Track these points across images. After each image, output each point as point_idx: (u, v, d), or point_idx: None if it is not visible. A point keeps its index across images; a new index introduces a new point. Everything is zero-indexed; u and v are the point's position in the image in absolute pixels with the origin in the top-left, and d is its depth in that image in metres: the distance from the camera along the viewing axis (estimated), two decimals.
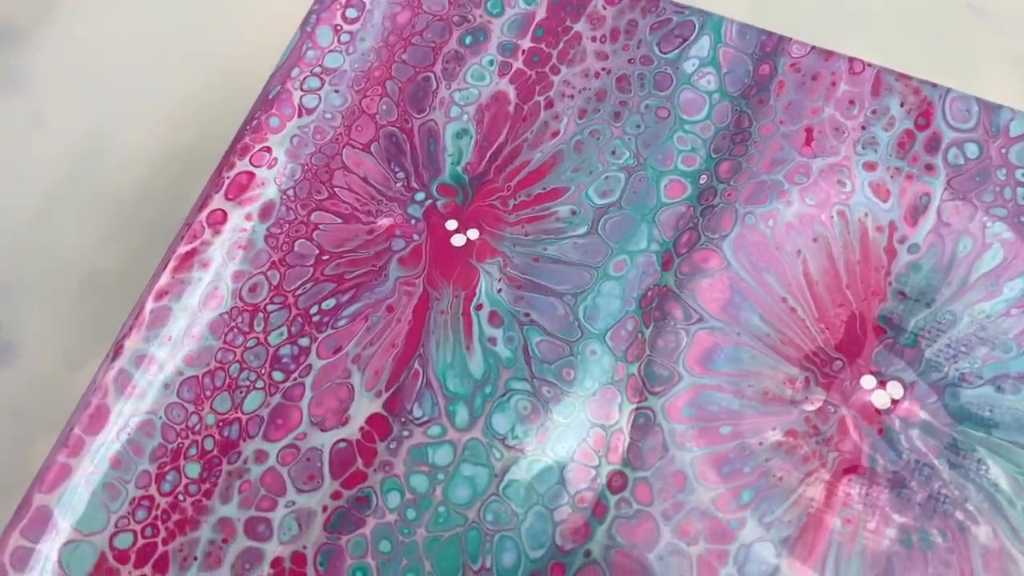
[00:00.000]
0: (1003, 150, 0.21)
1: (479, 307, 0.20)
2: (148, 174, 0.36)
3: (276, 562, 0.19)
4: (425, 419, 0.20)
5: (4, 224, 0.34)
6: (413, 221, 0.21)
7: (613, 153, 0.21)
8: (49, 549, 0.19)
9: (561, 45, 0.22)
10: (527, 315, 0.20)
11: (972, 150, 0.21)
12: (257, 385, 0.20)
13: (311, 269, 0.21)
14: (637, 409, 0.20)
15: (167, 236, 0.35)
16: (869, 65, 0.21)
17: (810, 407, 0.19)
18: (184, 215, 0.35)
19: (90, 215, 0.34)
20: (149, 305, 0.21)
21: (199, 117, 0.36)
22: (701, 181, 0.21)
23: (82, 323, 0.33)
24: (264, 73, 0.31)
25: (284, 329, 0.20)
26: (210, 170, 0.35)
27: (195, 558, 0.19)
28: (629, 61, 0.21)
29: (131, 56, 0.34)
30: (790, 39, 0.21)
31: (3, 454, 0.31)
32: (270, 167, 0.21)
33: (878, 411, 0.19)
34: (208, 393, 0.20)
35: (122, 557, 0.19)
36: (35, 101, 0.35)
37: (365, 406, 0.20)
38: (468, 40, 0.22)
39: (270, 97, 0.21)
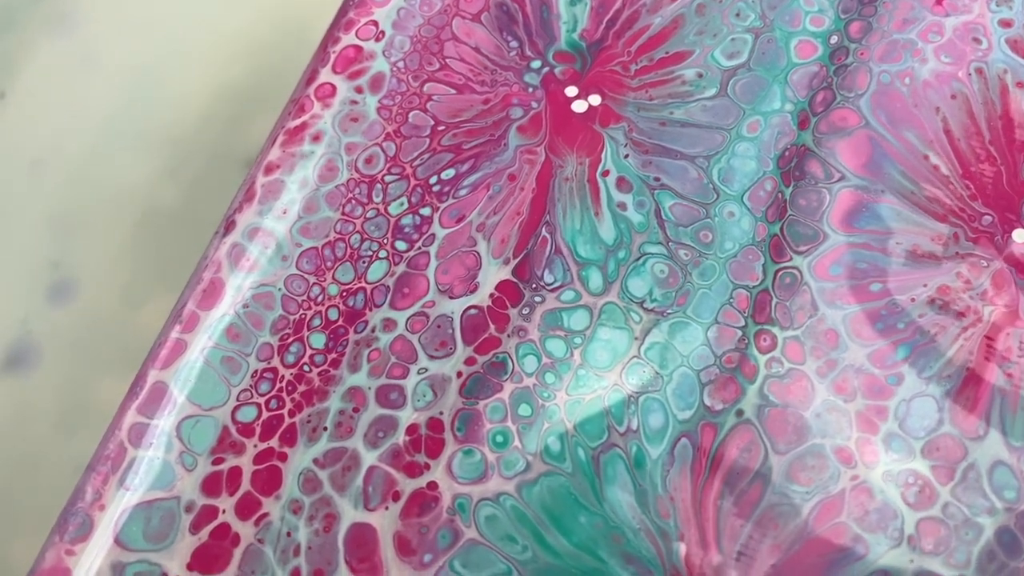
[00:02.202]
0: None
1: (606, 173, 0.20)
2: (202, 111, 0.36)
3: (411, 429, 0.19)
4: (557, 284, 0.20)
5: (59, 165, 0.34)
6: (531, 89, 0.21)
7: (738, 15, 0.21)
8: (168, 424, 0.19)
9: None
10: (657, 179, 0.20)
11: None
12: (380, 255, 0.20)
13: (427, 140, 0.21)
14: (782, 269, 0.19)
15: (223, 172, 0.35)
16: None
17: (961, 262, 0.19)
18: (240, 150, 0.35)
19: (145, 154, 0.34)
20: (260, 180, 0.21)
21: (251, 52, 0.36)
22: (832, 41, 0.21)
23: (140, 261, 0.33)
24: (317, 7, 0.31)
25: (404, 199, 0.20)
26: (265, 105, 0.35)
27: (325, 428, 0.19)
28: None
29: None
30: None
31: (67, 393, 0.31)
32: (377, 40, 0.21)
33: None
34: (329, 264, 0.20)
35: (246, 431, 0.19)
36: (86, 43, 0.35)
37: (493, 273, 0.20)
38: None
39: None
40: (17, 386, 0.32)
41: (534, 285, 0.19)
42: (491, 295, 0.19)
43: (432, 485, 0.18)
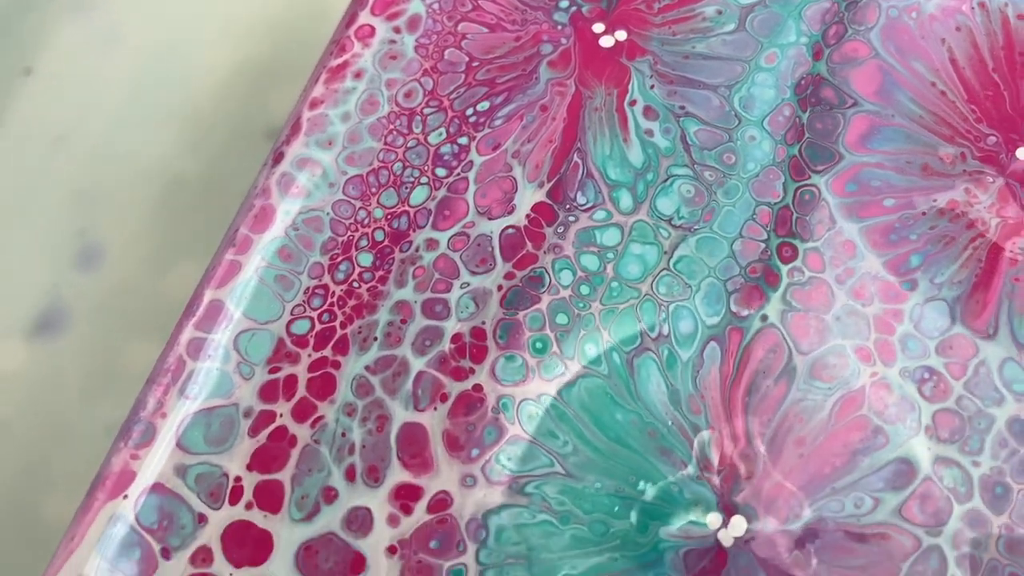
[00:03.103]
0: None
1: (633, 103, 0.22)
2: (225, 85, 0.37)
3: (456, 337, 0.20)
4: (589, 205, 0.21)
5: (84, 139, 0.35)
6: (559, 27, 0.23)
7: None
8: (225, 338, 0.20)
9: None
10: (682, 108, 0.22)
11: None
12: (421, 181, 0.22)
13: (463, 75, 0.22)
14: (801, 187, 0.21)
15: (243, 145, 0.36)
16: None
17: (968, 179, 0.21)
18: (260, 124, 0.36)
19: (169, 126, 0.35)
20: (305, 114, 0.22)
21: (271, 27, 0.38)
22: None
23: (165, 229, 0.35)
24: None
25: (442, 130, 0.22)
26: (284, 79, 0.37)
27: (375, 338, 0.20)
28: None
29: None
30: None
31: (95, 356, 0.33)
32: None
33: None
34: (374, 190, 0.21)
35: (301, 342, 0.20)
36: (109, 21, 0.36)
37: (529, 196, 0.21)
38: None
39: None
40: (47, 350, 0.33)
41: (568, 206, 0.21)
42: (527, 216, 0.21)
43: (477, 387, 0.20)
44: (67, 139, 0.35)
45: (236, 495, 0.19)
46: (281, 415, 0.20)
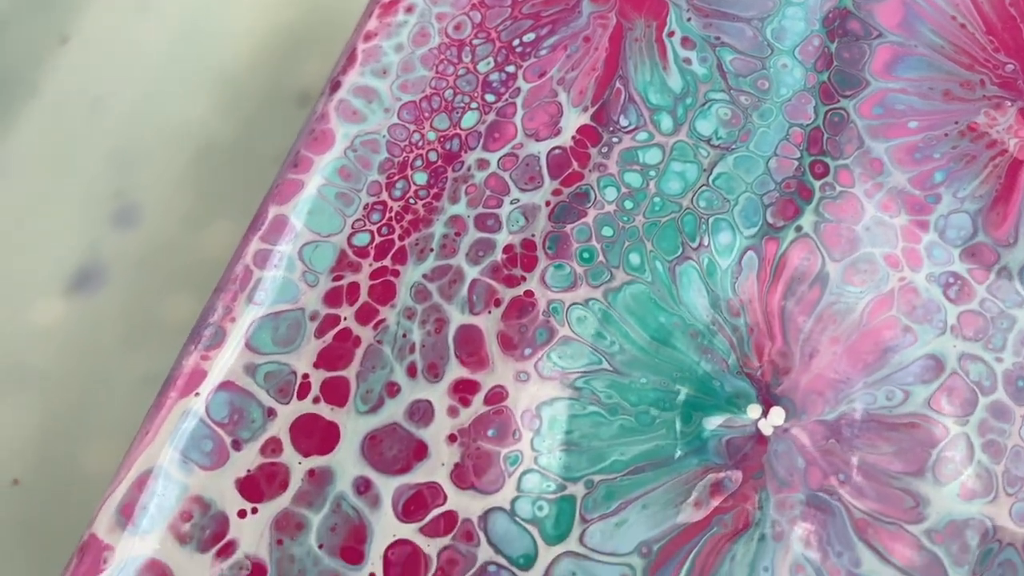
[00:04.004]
0: None
1: (671, 34, 0.24)
2: (256, 51, 0.39)
3: (507, 248, 0.22)
4: (632, 127, 0.23)
5: (120, 103, 0.37)
6: None
7: None
8: (289, 249, 0.22)
9: None
10: (718, 38, 0.24)
11: None
12: (472, 106, 0.23)
13: (509, 9, 0.24)
14: (831, 110, 0.23)
15: (276, 109, 0.38)
16: None
17: (988, 103, 0.23)
18: (292, 88, 0.38)
19: (202, 90, 0.37)
20: (360, 46, 0.24)
21: None
22: None
23: (199, 189, 0.36)
24: None
25: (491, 59, 0.24)
26: (316, 46, 0.39)
27: (431, 249, 0.22)
28: None
29: None
30: None
31: (133, 311, 0.34)
32: None
33: None
34: (427, 114, 0.23)
35: (362, 253, 0.22)
36: None
37: (574, 119, 0.23)
38: None
39: None
40: (86, 304, 0.34)
41: (611, 128, 0.23)
42: (573, 137, 0.23)
43: (528, 293, 0.21)
44: (103, 104, 0.37)
45: (304, 391, 0.20)
46: (345, 318, 0.21)
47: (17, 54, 0.38)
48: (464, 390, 0.20)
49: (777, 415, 0.20)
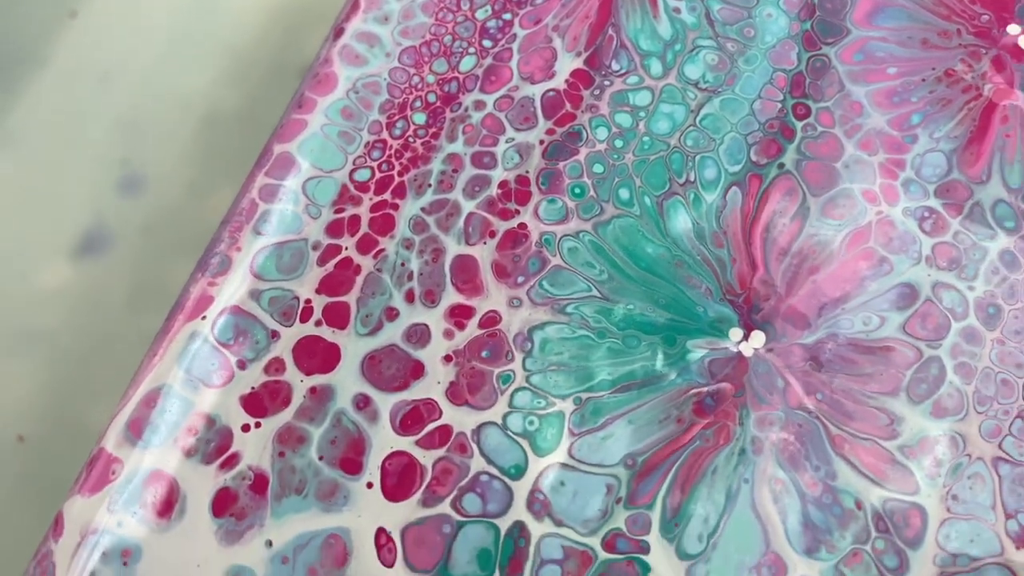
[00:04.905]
0: None
1: None
2: (262, 25, 0.40)
3: (503, 184, 0.23)
4: (623, 71, 0.24)
5: (127, 76, 0.38)
6: None
7: None
8: (294, 184, 0.23)
9: None
10: None
11: None
12: (469, 51, 0.24)
13: None
14: (813, 56, 0.24)
15: (280, 82, 0.39)
16: None
17: (964, 51, 0.24)
18: (295, 62, 0.39)
19: (209, 63, 0.38)
20: None
21: None
22: None
23: (205, 158, 0.37)
24: None
25: (488, 7, 0.25)
26: (320, 20, 0.40)
27: (429, 185, 0.23)
28: None
29: None
30: None
31: (138, 275, 0.35)
32: None
33: (1023, 51, 0.24)
34: (426, 59, 0.24)
35: (362, 187, 0.23)
36: None
37: (568, 63, 0.24)
38: None
39: None
40: (93, 269, 0.35)
41: (603, 72, 0.24)
42: (566, 80, 0.24)
43: (522, 225, 0.23)
44: (111, 76, 0.38)
45: (306, 314, 0.22)
46: (346, 248, 0.22)
47: (28, 29, 0.39)
48: (460, 315, 0.22)
49: (758, 338, 0.21)
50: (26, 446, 0.33)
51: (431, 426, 0.21)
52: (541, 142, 0.23)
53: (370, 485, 0.20)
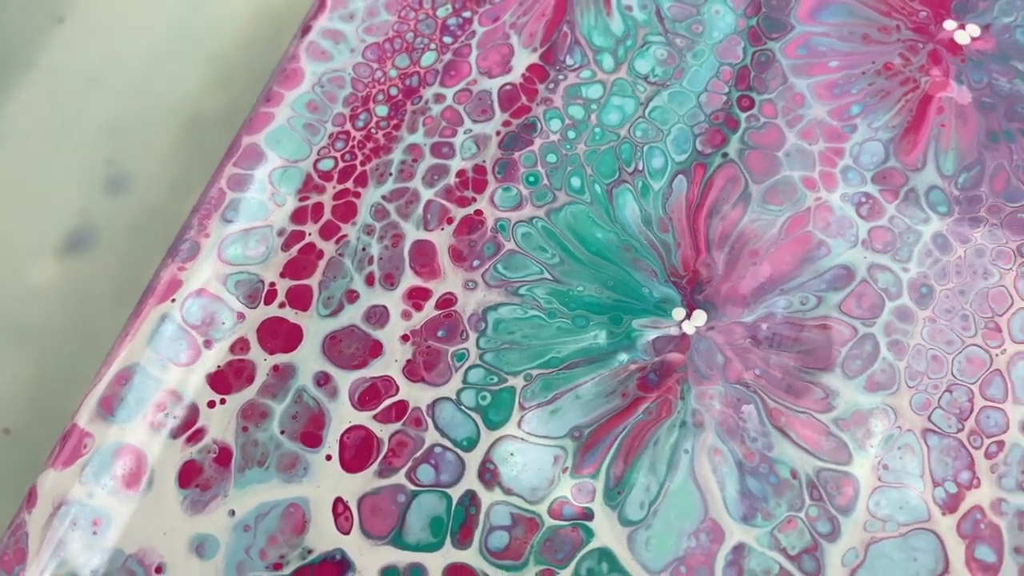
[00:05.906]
0: None
1: None
2: (245, 32, 0.41)
3: (460, 173, 0.24)
4: (577, 65, 0.25)
5: (114, 80, 0.39)
6: None
7: None
8: (260, 174, 0.24)
9: None
10: None
11: None
12: (431, 47, 0.26)
13: None
14: (758, 51, 0.25)
15: (262, 84, 0.40)
16: None
17: (903, 45, 0.25)
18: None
19: (193, 68, 0.39)
20: None
21: None
22: None
23: (188, 159, 0.38)
24: None
25: (449, 5, 0.26)
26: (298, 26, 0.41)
27: (390, 174, 0.24)
28: None
29: None
30: None
31: (123, 272, 0.36)
32: None
33: (959, 45, 0.25)
34: (389, 54, 0.26)
35: (326, 176, 0.24)
36: None
37: (524, 58, 0.26)
38: None
39: None
40: (79, 265, 0.36)
41: (558, 67, 0.25)
42: (522, 75, 0.25)
43: (478, 212, 0.24)
44: (98, 80, 0.39)
45: (271, 297, 0.23)
46: (310, 234, 0.23)
47: (15, 33, 0.40)
48: (417, 296, 0.23)
49: (699, 317, 0.22)
50: (12, 439, 0.34)
51: (388, 401, 0.22)
52: (498, 133, 0.24)
53: (329, 457, 0.21)
